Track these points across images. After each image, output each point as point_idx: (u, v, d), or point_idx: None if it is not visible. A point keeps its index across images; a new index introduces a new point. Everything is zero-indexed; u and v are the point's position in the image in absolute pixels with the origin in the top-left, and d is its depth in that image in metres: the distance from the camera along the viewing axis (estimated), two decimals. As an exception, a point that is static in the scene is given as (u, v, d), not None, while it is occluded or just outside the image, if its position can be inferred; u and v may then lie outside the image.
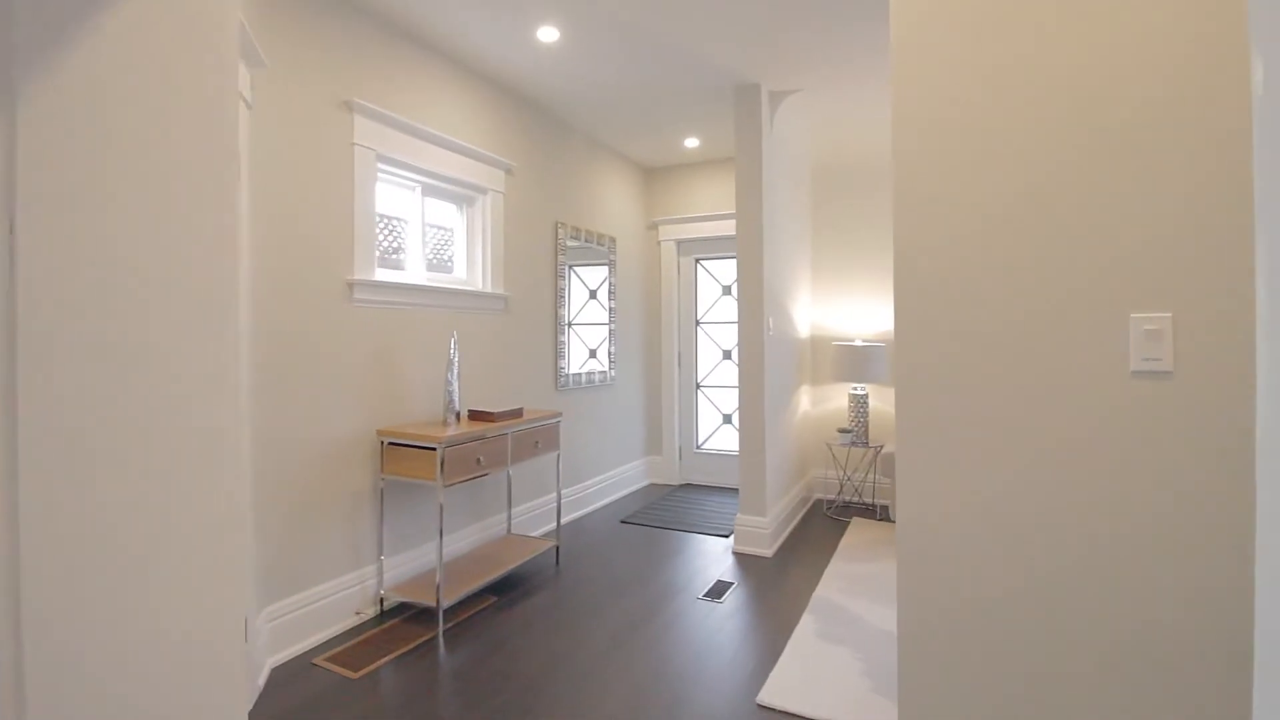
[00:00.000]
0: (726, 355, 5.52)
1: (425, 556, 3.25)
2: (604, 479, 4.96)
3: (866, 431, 4.65)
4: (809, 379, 5.11)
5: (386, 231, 3.25)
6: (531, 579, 3.41)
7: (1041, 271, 1.40)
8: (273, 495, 2.55)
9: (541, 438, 3.45)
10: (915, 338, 1.52)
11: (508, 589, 3.27)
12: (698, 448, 5.62)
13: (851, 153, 4.99)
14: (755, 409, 3.85)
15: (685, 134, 4.74)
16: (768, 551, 3.83)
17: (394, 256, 3.29)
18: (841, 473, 5.09)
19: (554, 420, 3.55)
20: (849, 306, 5.07)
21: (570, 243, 4.52)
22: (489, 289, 3.74)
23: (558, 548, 3.64)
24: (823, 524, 4.44)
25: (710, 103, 4.12)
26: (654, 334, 5.66)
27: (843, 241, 5.08)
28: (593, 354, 4.85)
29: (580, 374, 4.63)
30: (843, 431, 4.61)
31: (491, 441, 3.05)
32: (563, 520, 4.42)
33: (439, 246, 3.59)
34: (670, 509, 4.79)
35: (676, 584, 3.36)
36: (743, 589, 3.31)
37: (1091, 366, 1.36)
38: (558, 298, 4.37)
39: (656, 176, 5.61)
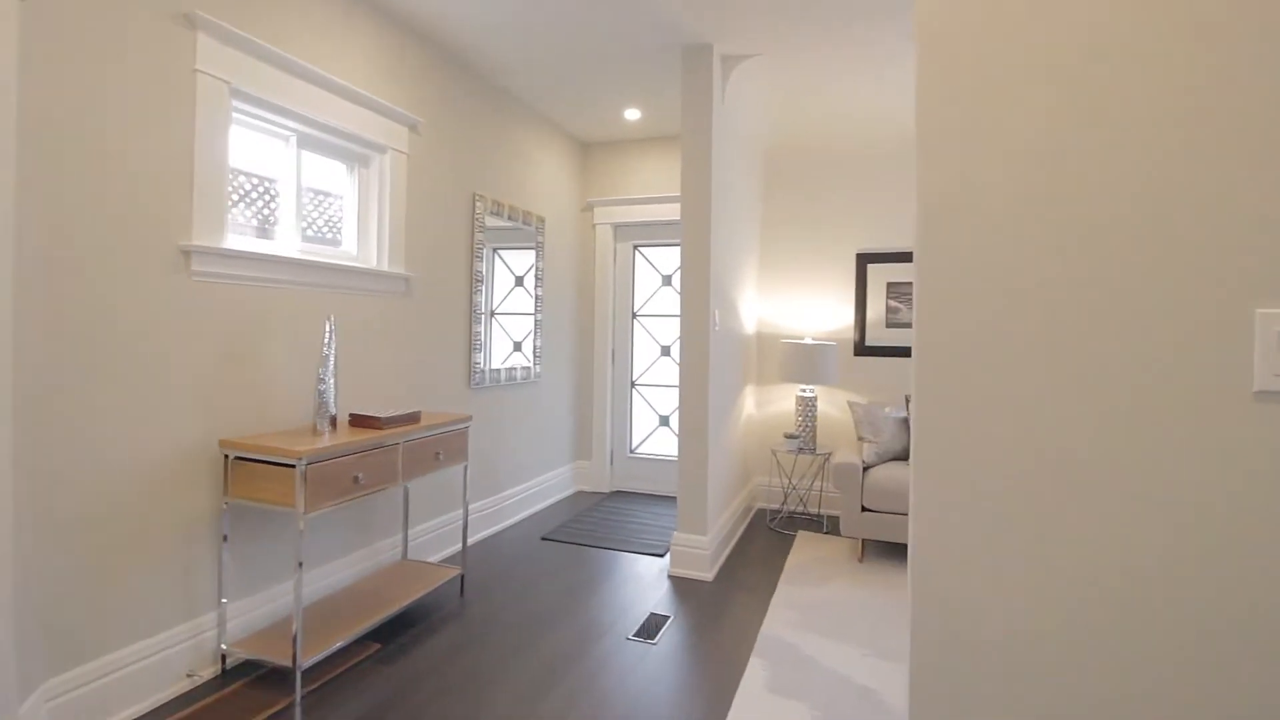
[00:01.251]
0: (665, 351, 5.06)
1: (285, 598, 2.63)
2: (525, 488, 4.41)
3: (814, 437, 4.28)
4: (754, 379, 4.71)
5: (247, 190, 2.60)
6: (428, 617, 2.84)
7: (1120, 254, 0.97)
8: (61, 532, 1.89)
9: (445, 447, 2.88)
10: (945, 341, 1.07)
11: (397, 632, 2.69)
12: (631, 452, 5.15)
13: (810, 134, 4.60)
14: (698, 414, 3.39)
15: (625, 103, 4.23)
16: (708, 575, 3.38)
17: (259, 223, 2.65)
18: (787, 481, 4.71)
19: (460, 426, 2.98)
20: (798, 302, 4.70)
21: (491, 220, 3.94)
22: (386, 267, 3.13)
23: (463, 576, 3.08)
24: (766, 539, 4.04)
25: (655, 66, 3.62)
26: (586, 327, 5.14)
27: (794, 233, 4.70)
28: (517, 347, 4.29)
29: (501, 370, 4.06)
30: (789, 437, 4.22)
31: (375, 454, 2.46)
32: (474, 539, 3.85)
33: (324, 215, 2.96)
34: (599, 522, 4.29)
35: (604, 619, 2.87)
36: (680, 624, 2.84)
37: (1194, 384, 0.94)
38: (474, 282, 3.79)
39: (593, 153, 5.08)
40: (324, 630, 2.39)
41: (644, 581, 3.32)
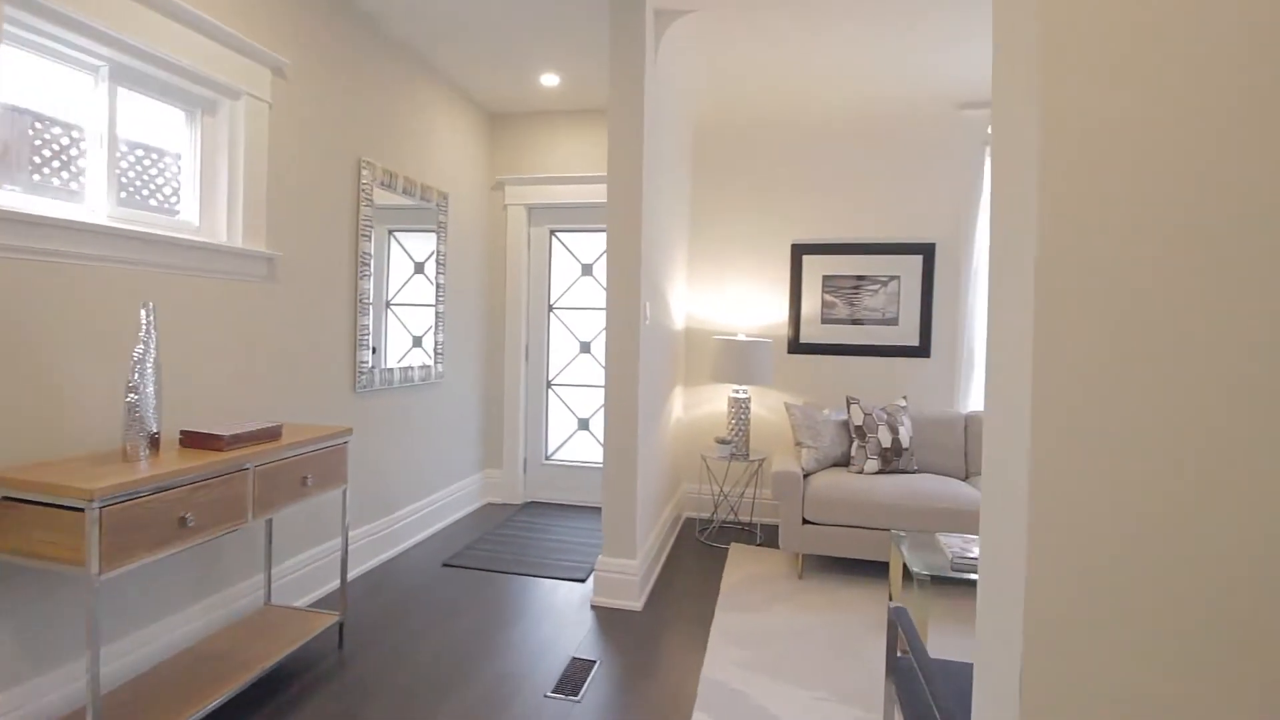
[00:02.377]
0: (585, 348, 4.60)
1: (102, 670, 1.99)
2: (425, 505, 3.84)
3: (747, 441, 3.97)
4: (682, 379, 4.35)
5: (36, 136, 1.93)
6: (295, 679, 2.27)
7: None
8: None
9: (317, 467, 2.31)
10: (1075, 327, 0.69)
11: (251, 706, 2.11)
12: (547, 459, 4.67)
13: (745, 112, 4.26)
14: (626, 422, 2.97)
15: (542, 66, 3.73)
16: (636, 603, 2.98)
17: (58, 181, 1.98)
18: (718, 489, 4.38)
19: (337, 441, 2.42)
20: (729, 295, 4.36)
21: (383, 195, 3.34)
22: (239, 243, 2.50)
23: (342, 624, 2.52)
24: (697, 554, 3.68)
25: (577, 22, 3.15)
26: (496, 320, 4.60)
27: (726, 220, 4.35)
28: (416, 343, 3.71)
29: (396, 370, 3.48)
30: (721, 442, 3.88)
31: (214, 486, 1.88)
32: (360, 571, 3.27)
33: (154, 175, 2.30)
34: (510, 541, 3.80)
35: (517, 669, 2.40)
36: (609, 671, 2.42)
37: None
38: (360, 265, 3.19)
39: (504, 124, 4.54)
40: (148, 712, 1.80)
41: (564, 615, 2.87)
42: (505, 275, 4.56)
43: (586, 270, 4.57)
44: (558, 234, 4.60)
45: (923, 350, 4.10)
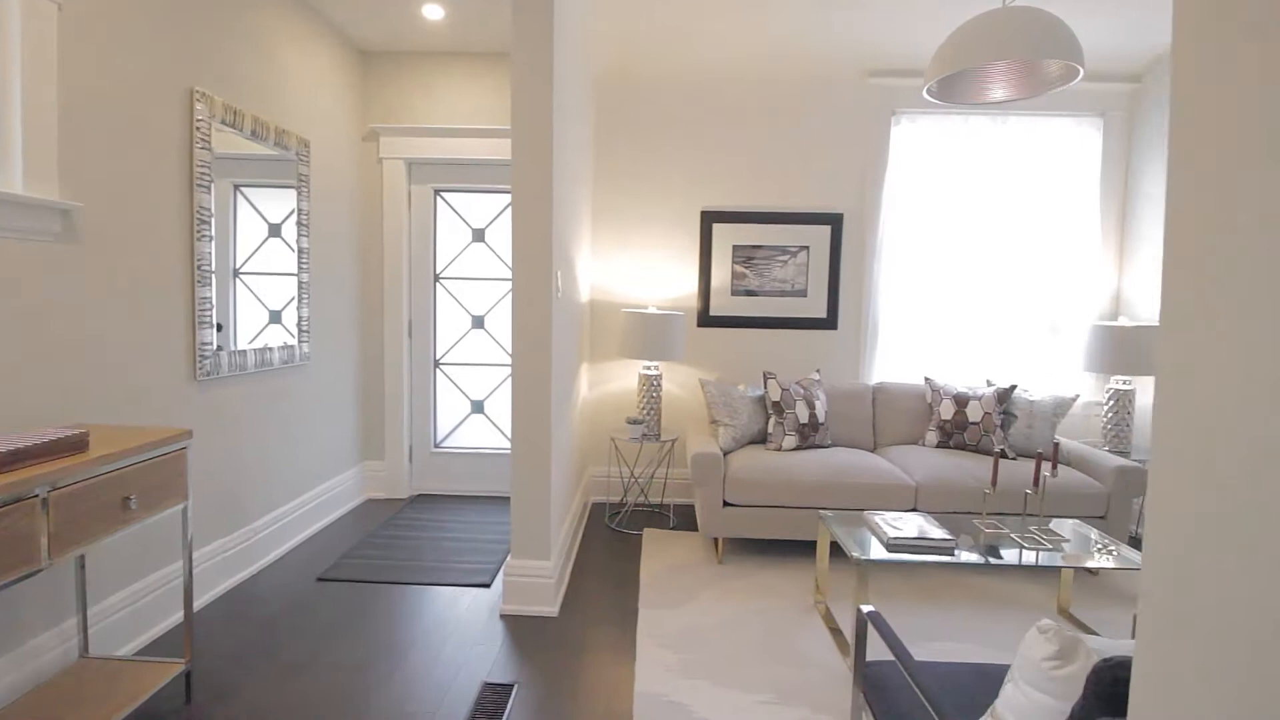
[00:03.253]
0: (479, 323, 4.15)
1: None
2: (293, 509, 3.30)
3: (659, 421, 3.75)
4: (586, 355, 4.03)
5: None
6: (125, 757, 1.77)
7: None
8: None
9: (143, 484, 1.78)
10: None
11: (58, 804, 1.60)
12: (437, 446, 4.20)
13: (652, 63, 3.94)
14: (537, 406, 2.62)
15: (422, -5, 3.20)
16: (553, 608, 2.68)
17: None
18: (628, 472, 4.14)
19: (171, 448, 1.89)
20: (638, 265, 4.08)
21: (226, 135, 2.71)
22: (18, 189, 1.87)
23: (189, 672, 2.02)
24: (610, 544, 3.43)
25: (466, -62, 2.68)
26: (373, 292, 4.03)
27: (632, 184, 4.04)
28: (275, 319, 3.12)
29: (250, 352, 2.89)
30: (633, 422, 3.63)
31: (-19, 523, 1.35)
32: (211, 598, 2.71)
33: None
34: (399, 543, 3.35)
35: (420, 707, 2.03)
36: (529, 696, 2.11)
37: None
38: (197, 224, 2.57)
39: (380, 65, 3.92)
40: None
41: (470, 630, 2.52)
42: (382, 240, 3.99)
43: (478, 236, 4.10)
44: (444, 194, 4.08)
45: (830, 323, 4.06)
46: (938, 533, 2.48)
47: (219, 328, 2.72)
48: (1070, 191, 3.93)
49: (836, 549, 3.22)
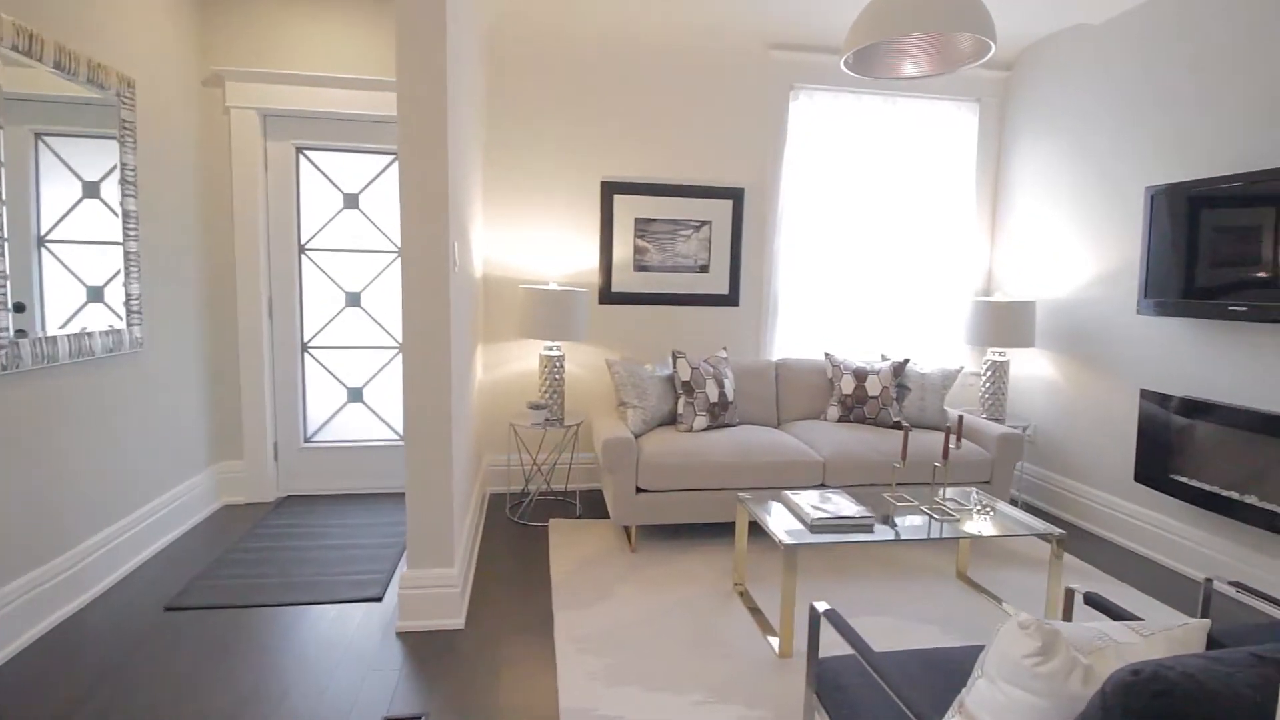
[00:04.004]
0: (354, 300, 3.69)
1: None
2: (127, 526, 2.76)
3: (563, 405, 3.52)
4: (480, 335, 3.71)
5: None
6: None
7: None
8: None
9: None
10: None
11: None
12: (307, 441, 3.72)
13: (548, 17, 3.61)
14: (435, 395, 2.32)
15: (275, -89, 2.69)
16: (458, 620, 2.41)
17: None
18: (529, 460, 3.89)
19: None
20: (535, 237, 3.79)
21: (21, 66, 2.12)
22: None
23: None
24: (514, 538, 3.19)
25: None
26: (222, 265, 3.46)
27: (529, 148, 3.72)
28: (95, 297, 2.54)
29: (62, 339, 2.33)
30: (535, 407, 3.38)
31: None
32: (20, 647, 2.19)
33: None
34: (266, 555, 2.91)
35: (308, 757, 1.72)
36: (440, 726, 1.86)
37: None
38: (-24, 176, 1.99)
39: (216, -4, 3.31)
40: None
41: (362, 655, 2.20)
42: (232, 204, 3.41)
43: (351, 202, 3.62)
44: (308, 153, 3.55)
45: (732, 299, 4.00)
46: (857, 510, 2.48)
47: (18, 308, 2.16)
48: (951, 172, 4.11)
49: (751, 529, 3.18)
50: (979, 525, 2.48)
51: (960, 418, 2.70)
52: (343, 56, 3.40)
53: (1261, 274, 2.59)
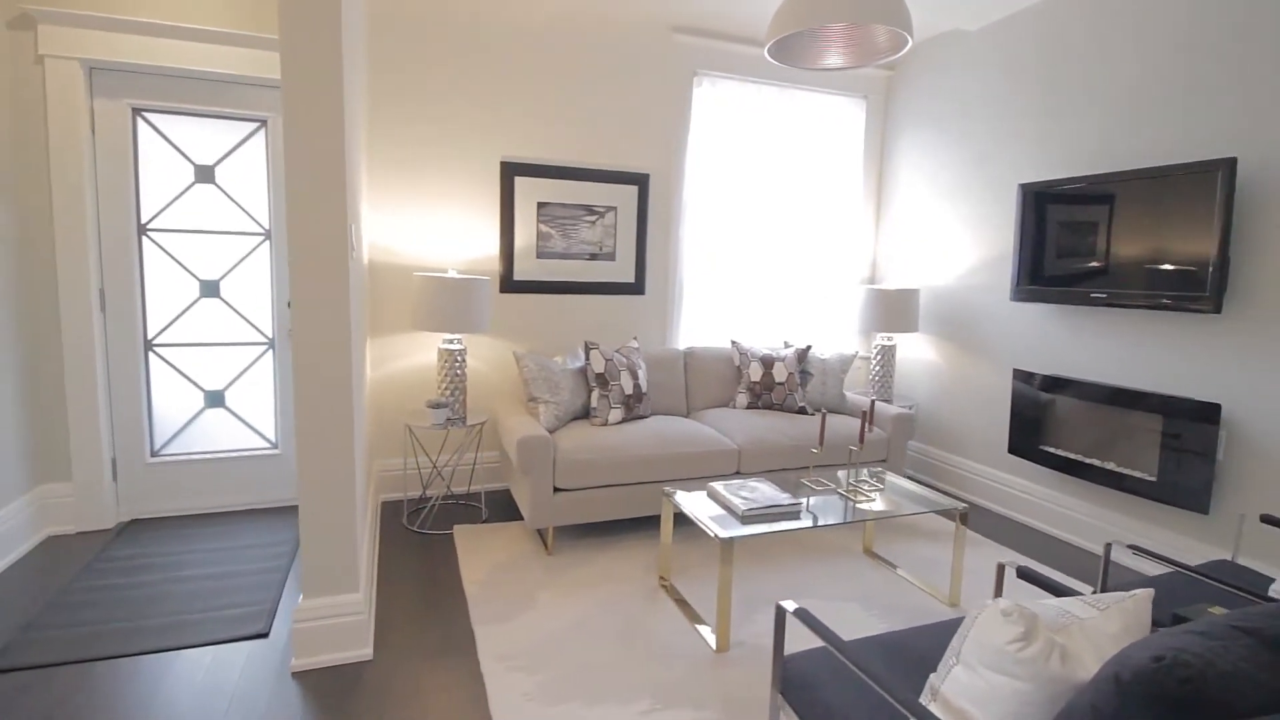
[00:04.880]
0: (212, 290, 3.20)
1: None
2: (-80, 572, 2.20)
3: (465, 402, 3.27)
4: (368, 328, 3.36)
5: None
6: None
7: None
8: None
9: None
10: None
11: None
12: (155, 455, 3.19)
13: (424, -15, 3.29)
14: (334, 398, 2.02)
15: None
16: (366, 650, 2.14)
17: None
18: (429, 464, 3.58)
19: None
20: (427, 220, 3.47)
21: None
22: None
23: None
24: (416, 551, 2.92)
25: None
26: (39, 248, 2.85)
27: (420, 122, 3.39)
28: None
29: None
30: (435, 406, 3.11)
31: None
32: None
33: None
34: (110, 595, 2.44)
35: (197, 840, 1.43)
36: (360, 778, 1.62)
37: None
38: None
39: (16, -84, 2.69)
40: None
41: (253, 705, 1.89)
42: (49, 175, 2.82)
43: (205, 175, 3.12)
44: (148, 115, 3.01)
45: (639, 287, 3.91)
46: (783, 497, 2.48)
47: None
48: (841, 165, 4.27)
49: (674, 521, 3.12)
50: (894, 503, 2.58)
51: (873, 402, 2.79)
52: (194, 3, 2.91)
53: (1094, 264, 2.95)
